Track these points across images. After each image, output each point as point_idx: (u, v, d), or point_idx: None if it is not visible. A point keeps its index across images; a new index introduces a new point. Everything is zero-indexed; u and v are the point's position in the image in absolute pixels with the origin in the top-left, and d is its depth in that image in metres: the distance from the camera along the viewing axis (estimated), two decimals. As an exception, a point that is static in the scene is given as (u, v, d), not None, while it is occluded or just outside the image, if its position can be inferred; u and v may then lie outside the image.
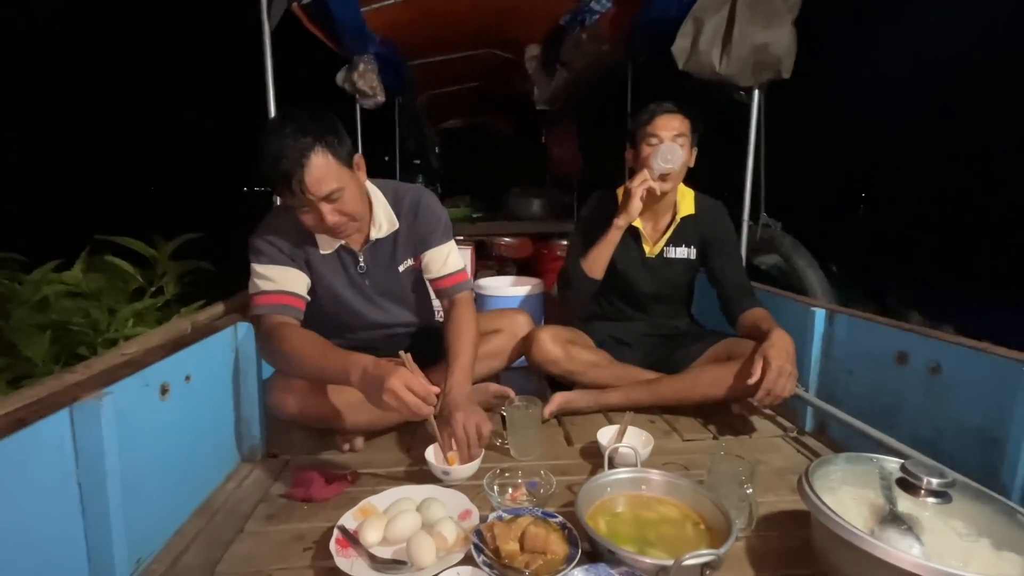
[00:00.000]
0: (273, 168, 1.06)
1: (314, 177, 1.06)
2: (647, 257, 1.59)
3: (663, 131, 1.46)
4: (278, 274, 1.21)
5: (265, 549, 0.95)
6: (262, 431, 1.30)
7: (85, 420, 0.76)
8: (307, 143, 1.06)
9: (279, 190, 1.11)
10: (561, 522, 0.91)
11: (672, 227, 1.56)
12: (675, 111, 1.48)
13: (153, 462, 0.94)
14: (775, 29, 1.72)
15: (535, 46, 2.99)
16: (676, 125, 1.46)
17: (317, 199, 1.09)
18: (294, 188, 1.07)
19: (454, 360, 1.27)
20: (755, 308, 1.49)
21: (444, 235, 1.39)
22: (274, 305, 1.20)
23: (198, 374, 1.09)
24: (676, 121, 1.46)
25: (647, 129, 1.47)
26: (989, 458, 1.02)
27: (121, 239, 1.84)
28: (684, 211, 1.57)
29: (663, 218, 1.59)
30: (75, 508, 0.77)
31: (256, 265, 1.22)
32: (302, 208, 1.12)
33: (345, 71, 2.70)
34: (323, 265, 1.28)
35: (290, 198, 1.10)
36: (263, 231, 1.24)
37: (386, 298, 1.38)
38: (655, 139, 1.46)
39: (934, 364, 1.15)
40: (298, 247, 1.25)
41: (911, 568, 0.67)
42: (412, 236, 1.36)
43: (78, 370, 0.86)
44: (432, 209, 1.37)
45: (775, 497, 1.11)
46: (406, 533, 0.91)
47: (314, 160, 1.06)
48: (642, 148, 1.49)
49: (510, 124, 5.84)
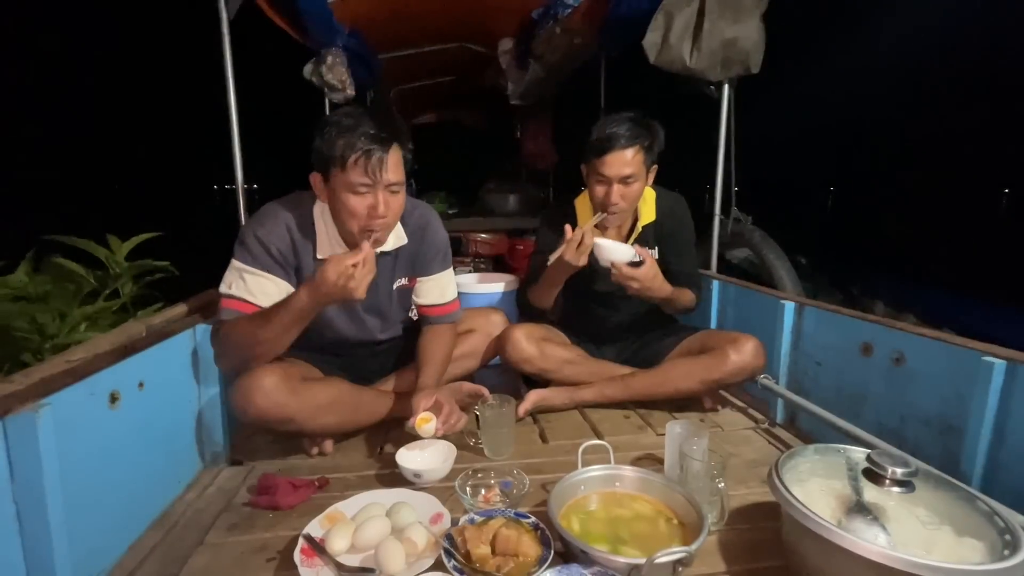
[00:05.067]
0: (359, 142, 1.07)
1: (394, 162, 1.11)
2: None
3: (612, 171, 1.37)
4: (256, 283, 1.14)
5: (225, 561, 0.91)
6: (225, 437, 1.25)
7: (20, 434, 0.71)
8: (394, 134, 1.12)
9: (349, 168, 1.08)
10: (534, 523, 0.90)
11: (634, 233, 1.54)
12: (627, 144, 1.36)
13: (102, 474, 0.89)
14: (744, 24, 1.73)
15: (508, 40, 2.95)
16: (627, 160, 1.36)
17: (385, 184, 1.10)
18: (372, 166, 1.07)
19: (426, 366, 1.29)
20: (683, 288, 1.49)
21: (444, 262, 1.39)
22: (239, 313, 1.13)
23: (153, 380, 1.04)
24: (628, 154, 1.36)
25: (596, 165, 1.39)
26: (950, 446, 1.04)
27: (70, 239, 1.74)
28: (645, 219, 1.53)
29: (625, 225, 1.56)
30: (11, 527, 0.72)
31: (238, 262, 1.14)
32: (360, 190, 1.10)
33: (313, 64, 2.62)
34: (313, 270, 1.20)
35: (359, 176, 1.08)
36: (256, 225, 1.16)
37: (369, 314, 1.34)
38: (603, 179, 1.39)
39: (897, 355, 1.17)
40: (290, 248, 1.18)
41: (876, 558, 0.68)
42: (413, 257, 1.34)
43: (15, 379, 0.80)
44: (438, 234, 1.37)
45: (746, 489, 1.11)
46: (374, 540, 0.88)
47: (396, 150, 1.12)
48: (591, 181, 1.44)
49: (484, 119, 5.79)
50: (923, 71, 50.47)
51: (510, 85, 3.07)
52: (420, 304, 1.40)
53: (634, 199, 1.44)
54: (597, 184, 1.42)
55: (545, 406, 1.48)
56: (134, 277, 1.89)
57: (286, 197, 1.23)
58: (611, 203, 1.40)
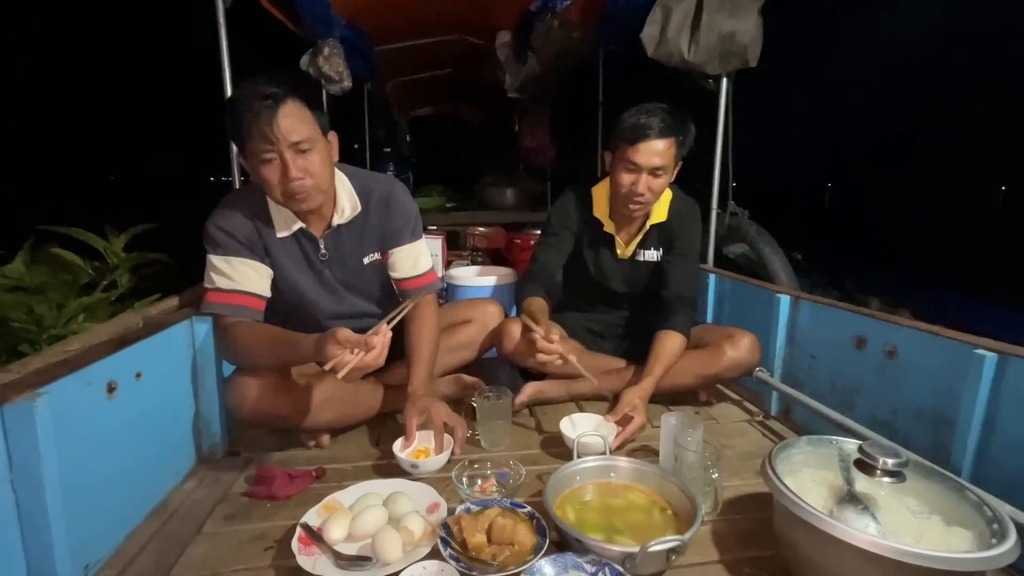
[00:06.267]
0: (247, 107, 1.02)
1: (290, 119, 1.04)
2: (620, 259, 1.56)
3: (643, 160, 1.33)
4: (235, 271, 1.14)
5: (223, 550, 0.91)
6: (223, 428, 1.25)
7: (17, 422, 0.71)
8: (284, 90, 1.05)
9: (247, 136, 1.05)
10: (529, 512, 0.91)
11: (643, 232, 1.53)
12: (662, 135, 1.32)
13: (100, 463, 0.89)
14: (742, 17, 1.73)
15: (506, 32, 2.94)
16: (660, 151, 1.33)
17: (285, 145, 1.05)
18: (264, 129, 1.02)
19: (416, 362, 1.26)
20: (670, 332, 1.40)
21: (414, 233, 1.35)
22: (229, 306, 1.14)
23: (150, 371, 1.04)
24: (661, 145, 1.32)
25: (627, 152, 1.35)
26: (941, 437, 1.06)
27: (68, 230, 1.74)
28: (656, 218, 1.50)
29: (636, 223, 1.54)
30: (11, 514, 0.73)
31: (212, 256, 1.15)
32: (266, 157, 1.06)
33: (309, 55, 2.60)
34: (281, 250, 1.21)
35: (258, 143, 1.04)
36: (216, 217, 1.16)
37: (349, 290, 1.32)
38: (633, 167, 1.35)
39: (890, 348, 1.18)
40: (254, 232, 1.18)
41: (866, 546, 0.69)
42: (380, 230, 1.30)
43: (12, 369, 0.80)
44: (404, 204, 1.32)
45: (740, 481, 1.13)
46: (372, 528, 0.89)
47: (289, 105, 1.05)
48: (618, 169, 1.39)
49: (482, 112, 5.77)
50: (924, 67, 49.91)
51: (508, 78, 3.05)
52: (396, 278, 1.37)
53: (659, 193, 1.41)
54: (625, 172, 1.38)
55: (542, 398, 1.49)
56: (131, 268, 1.88)
57: (240, 188, 1.23)
58: (638, 193, 1.36)
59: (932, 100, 33.06)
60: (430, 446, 1.16)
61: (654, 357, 1.37)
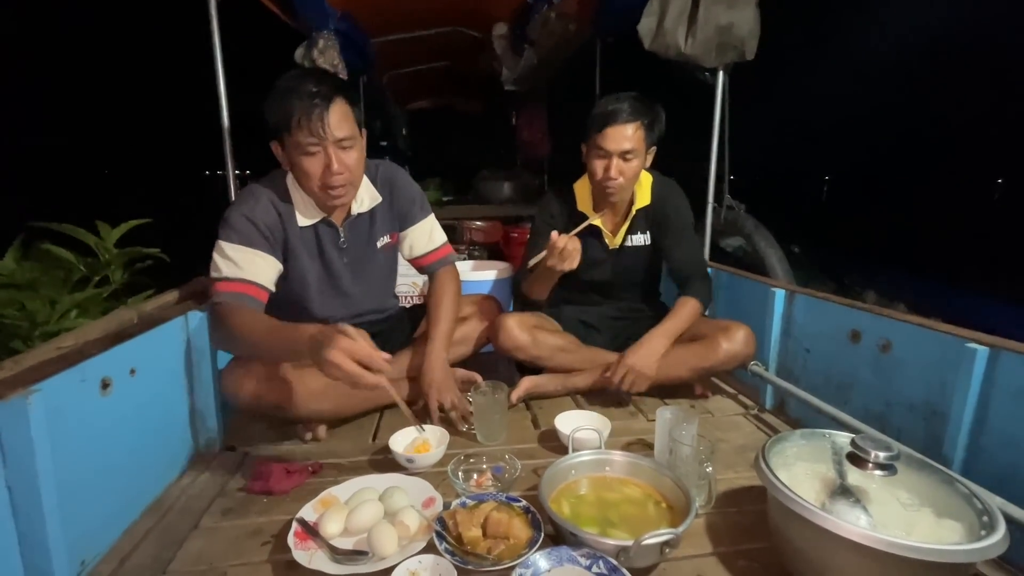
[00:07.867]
0: (299, 100, 1.06)
1: (337, 117, 1.10)
2: (610, 249, 1.57)
3: (612, 145, 1.37)
4: (246, 260, 1.14)
5: (220, 545, 0.92)
6: (219, 424, 1.25)
7: (11, 419, 0.71)
8: (335, 88, 1.11)
9: (295, 128, 1.08)
10: (525, 506, 0.91)
11: (629, 218, 1.55)
12: (628, 119, 1.36)
13: (95, 459, 0.89)
14: (739, 10, 1.72)
15: (503, 24, 2.92)
16: (628, 135, 1.36)
17: (332, 141, 1.10)
18: (314, 125, 1.07)
19: (433, 327, 1.34)
20: (685, 297, 1.48)
21: (423, 210, 1.41)
22: (234, 294, 1.13)
23: (145, 366, 1.04)
24: (629, 130, 1.36)
25: (597, 139, 1.39)
26: (933, 430, 1.06)
27: (59, 226, 1.72)
28: (640, 203, 1.53)
29: (621, 210, 1.56)
30: (6, 511, 0.73)
31: (225, 243, 1.13)
32: (311, 150, 1.10)
33: (304, 48, 2.57)
34: (299, 242, 1.22)
35: (305, 136, 1.08)
36: (242, 205, 1.17)
37: (356, 278, 1.33)
38: (604, 152, 1.39)
39: (885, 341, 1.19)
40: (277, 222, 1.19)
41: (858, 539, 0.69)
42: (390, 213, 1.35)
43: (5, 366, 0.80)
44: (407, 183, 1.38)
45: (734, 474, 1.13)
46: (367, 523, 0.89)
47: (339, 103, 1.11)
48: (591, 157, 1.43)
49: (479, 105, 5.73)
50: (921, 62, 49.94)
51: (505, 70, 3.04)
52: (413, 258, 1.43)
53: (632, 177, 1.44)
54: (597, 159, 1.42)
55: (538, 392, 1.49)
56: (124, 264, 1.87)
57: (265, 176, 1.24)
58: (610, 178, 1.40)
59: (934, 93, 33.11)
60: (429, 439, 1.17)
61: (667, 316, 1.46)
